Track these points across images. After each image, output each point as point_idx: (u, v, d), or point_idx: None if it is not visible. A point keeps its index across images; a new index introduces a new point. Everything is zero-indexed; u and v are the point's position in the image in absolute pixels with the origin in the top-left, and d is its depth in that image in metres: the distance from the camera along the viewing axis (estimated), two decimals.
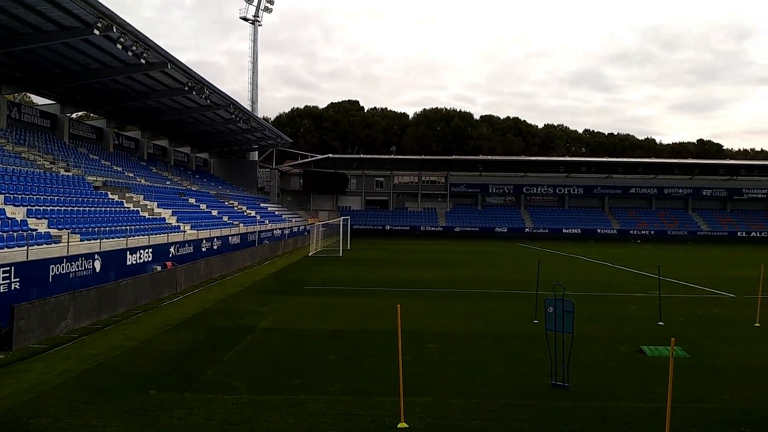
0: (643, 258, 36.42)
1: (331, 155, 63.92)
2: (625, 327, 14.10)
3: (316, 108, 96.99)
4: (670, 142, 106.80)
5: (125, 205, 25.72)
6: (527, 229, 63.69)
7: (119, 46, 23.13)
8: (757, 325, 14.30)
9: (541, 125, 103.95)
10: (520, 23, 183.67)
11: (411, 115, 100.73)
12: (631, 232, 63.10)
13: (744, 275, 25.48)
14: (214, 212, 35.40)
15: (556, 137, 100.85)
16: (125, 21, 22.20)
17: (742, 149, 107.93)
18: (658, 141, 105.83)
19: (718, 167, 69.35)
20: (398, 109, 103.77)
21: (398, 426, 7.18)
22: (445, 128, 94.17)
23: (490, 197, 70.67)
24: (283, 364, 10.26)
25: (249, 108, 53.56)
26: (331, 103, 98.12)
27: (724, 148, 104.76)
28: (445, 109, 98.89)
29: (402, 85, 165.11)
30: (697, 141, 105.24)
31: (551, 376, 9.05)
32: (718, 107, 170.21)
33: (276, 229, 39.99)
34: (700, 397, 8.63)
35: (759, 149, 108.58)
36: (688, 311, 16.54)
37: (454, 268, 29.17)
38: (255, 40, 61.50)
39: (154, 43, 24.95)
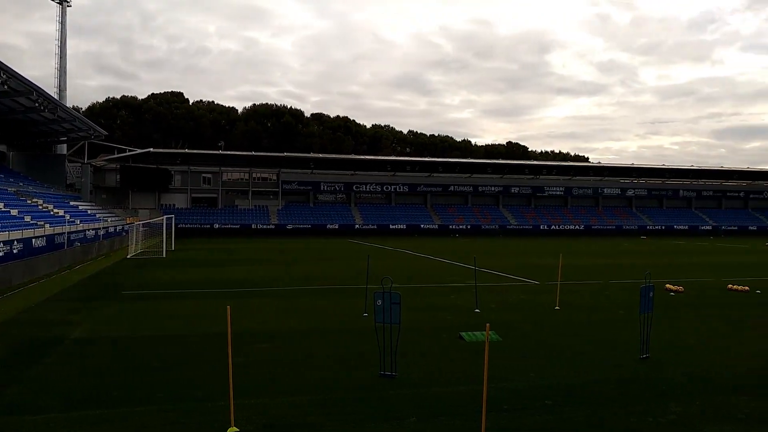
0: (461, 250, 39.20)
1: (152, 149, 59.95)
2: (446, 315, 15.04)
3: (135, 99, 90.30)
4: (484, 144, 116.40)
5: None
6: (357, 226, 65.35)
7: None
8: (557, 308, 16.10)
9: (369, 125, 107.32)
10: (346, 25, 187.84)
11: (240, 110, 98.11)
12: (451, 226, 67.64)
13: (546, 264, 28.55)
14: (14, 212, 31.34)
15: (383, 137, 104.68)
16: None
17: (543, 151, 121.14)
18: (473, 142, 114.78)
19: (524, 167, 77.08)
20: (226, 103, 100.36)
21: (228, 430, 6.94)
22: (276, 124, 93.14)
23: (321, 195, 71.37)
24: (100, 375, 9.40)
25: (56, 96, 48.21)
26: (152, 94, 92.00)
27: (530, 150, 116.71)
28: (276, 105, 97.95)
29: (229, 79, 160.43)
30: (507, 143, 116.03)
31: (380, 367, 9.37)
32: (523, 113, 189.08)
33: (89, 230, 36.48)
34: (512, 377, 9.49)
35: (558, 151, 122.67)
36: (500, 298, 18.11)
37: (287, 265, 28.99)
38: (63, 22, 55.42)
39: None
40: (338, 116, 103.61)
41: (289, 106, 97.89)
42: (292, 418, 7.51)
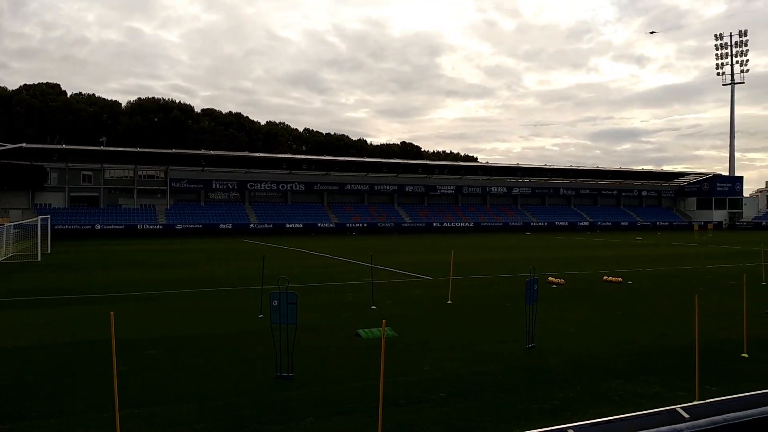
0: (358, 249, 39.47)
1: (25, 145, 55.35)
2: (343, 313, 15.06)
3: (4, 89, 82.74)
4: (379, 143, 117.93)
5: None
6: (252, 225, 63.91)
7: None
8: (450, 302, 16.62)
9: (263, 122, 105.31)
10: (236, 19, 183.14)
11: (124, 104, 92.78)
12: (348, 225, 67.94)
13: (439, 260, 29.40)
14: None
15: (278, 134, 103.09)
16: None
17: (435, 151, 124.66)
18: (369, 142, 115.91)
19: (418, 167, 78.99)
20: (109, 97, 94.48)
21: None
22: (164, 119, 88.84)
23: (213, 193, 69.05)
24: None
25: None
26: (25, 85, 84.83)
27: (423, 150, 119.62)
28: (164, 99, 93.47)
29: (112, 71, 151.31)
30: (401, 143, 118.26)
31: (277, 368, 9.22)
32: (416, 113, 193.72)
33: None
34: (408, 371, 9.66)
35: (449, 151, 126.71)
36: (396, 294, 18.42)
37: (176, 267, 27.78)
38: None
39: None
40: (231, 112, 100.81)
41: (177, 101, 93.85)
42: (181, 427, 7.19)
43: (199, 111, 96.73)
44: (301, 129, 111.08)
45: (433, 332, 12.87)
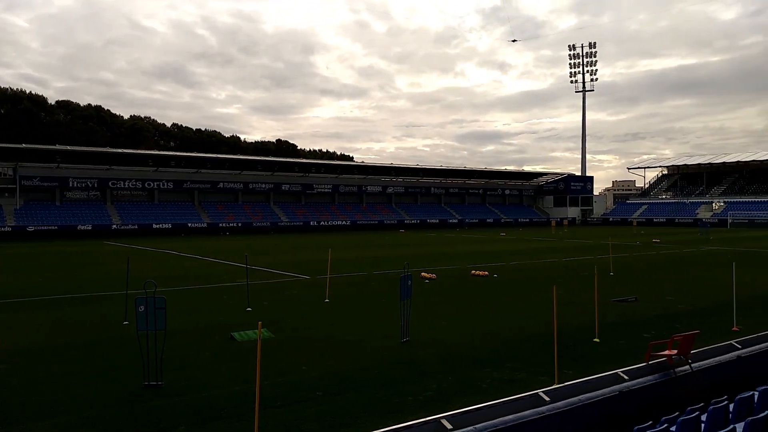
0: (232, 249, 38.34)
1: None
2: (217, 317, 14.58)
3: None
4: (254, 141, 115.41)
5: None
6: (115, 226, 59.84)
7: None
8: (327, 300, 16.66)
9: (127, 116, 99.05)
10: (94, 6, 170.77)
11: None
12: (221, 224, 65.72)
13: (316, 258, 29.35)
14: None
15: (144, 129, 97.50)
16: None
17: (312, 149, 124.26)
18: (243, 139, 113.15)
19: (294, 165, 78.27)
20: None
21: None
22: (12, 111, 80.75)
23: (71, 192, 63.66)
24: None
25: None
26: None
27: (299, 148, 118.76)
28: (12, 89, 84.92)
29: None
30: (276, 141, 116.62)
31: (144, 377, 8.73)
32: (291, 111, 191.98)
33: None
34: (285, 372, 9.57)
35: (325, 150, 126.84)
36: (272, 295, 18.14)
37: (29, 273, 25.33)
38: None
39: None
40: (90, 105, 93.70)
41: (28, 91, 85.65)
42: None
43: (53, 103, 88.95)
44: (169, 124, 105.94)
45: (310, 331, 12.83)
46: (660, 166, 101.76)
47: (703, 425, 5.68)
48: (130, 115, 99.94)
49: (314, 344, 11.61)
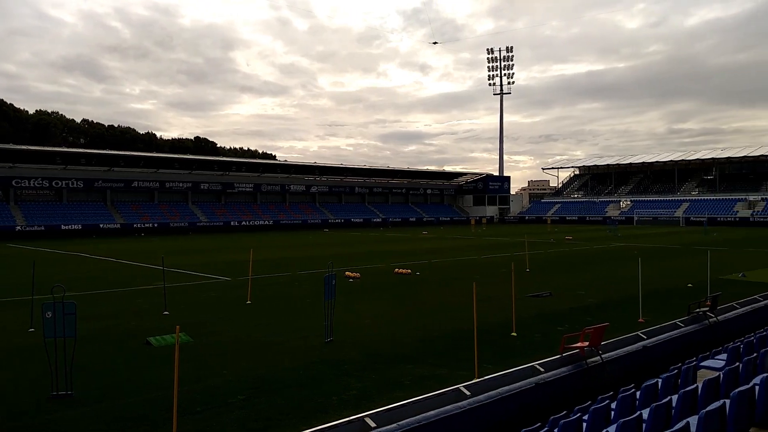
0: (148, 250, 36.87)
1: None
2: (132, 321, 13.98)
3: None
4: (171, 138, 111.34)
5: None
6: (19, 228, 56.09)
7: None
8: (249, 302, 16.35)
9: (32, 110, 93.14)
10: None
11: None
12: (135, 225, 63.02)
13: (237, 259, 28.73)
14: None
15: (51, 125, 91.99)
16: None
17: (232, 148, 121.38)
18: (159, 136, 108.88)
19: (214, 163, 76.15)
20: None
21: None
22: None
23: None
24: None
25: None
26: None
27: (219, 146, 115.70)
28: None
29: None
30: (195, 138, 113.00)
31: (52, 387, 8.24)
32: (210, 108, 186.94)
33: None
34: (205, 377, 9.30)
35: (246, 148, 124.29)
36: (191, 298, 17.60)
37: None
38: None
39: None
40: None
41: None
42: None
43: None
44: (78, 120, 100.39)
45: (231, 334, 12.55)
46: (572, 167, 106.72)
47: (612, 413, 6.01)
48: (36, 110, 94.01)
49: (235, 347, 11.36)
